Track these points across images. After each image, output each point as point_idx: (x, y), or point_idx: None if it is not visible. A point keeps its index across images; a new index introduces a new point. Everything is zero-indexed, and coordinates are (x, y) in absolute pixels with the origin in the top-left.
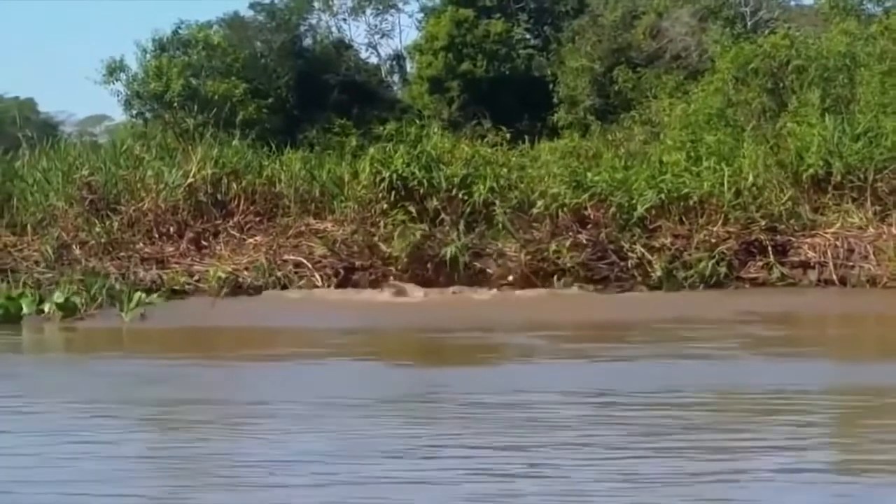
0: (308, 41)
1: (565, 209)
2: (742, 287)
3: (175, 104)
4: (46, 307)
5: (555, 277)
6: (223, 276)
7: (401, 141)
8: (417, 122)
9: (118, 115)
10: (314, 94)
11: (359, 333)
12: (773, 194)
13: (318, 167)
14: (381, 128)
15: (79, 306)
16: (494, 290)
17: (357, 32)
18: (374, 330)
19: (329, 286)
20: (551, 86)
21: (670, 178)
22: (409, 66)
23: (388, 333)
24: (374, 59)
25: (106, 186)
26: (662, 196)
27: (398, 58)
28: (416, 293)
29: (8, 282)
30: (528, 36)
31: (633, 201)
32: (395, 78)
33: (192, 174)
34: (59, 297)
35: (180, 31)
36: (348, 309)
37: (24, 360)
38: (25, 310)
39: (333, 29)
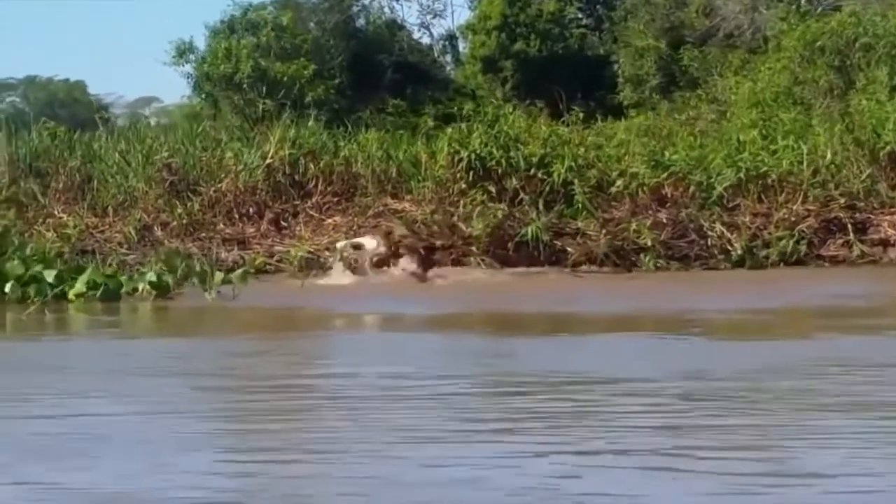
0: (361, 22)
1: (644, 188)
2: (822, 265)
3: (245, 86)
4: (140, 286)
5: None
6: (304, 255)
7: (464, 119)
8: (472, 102)
9: (168, 97)
10: (368, 74)
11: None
12: (851, 172)
13: (394, 147)
14: (456, 108)
15: (171, 285)
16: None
17: (409, 13)
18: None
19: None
20: (616, 65)
21: (748, 156)
22: (462, 47)
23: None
24: (426, 40)
25: (185, 168)
26: (741, 175)
27: (451, 38)
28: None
29: (96, 262)
30: (580, 15)
31: (712, 180)
32: (448, 58)
33: (269, 155)
34: (151, 276)
35: (249, 13)
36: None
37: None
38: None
39: (386, 9)
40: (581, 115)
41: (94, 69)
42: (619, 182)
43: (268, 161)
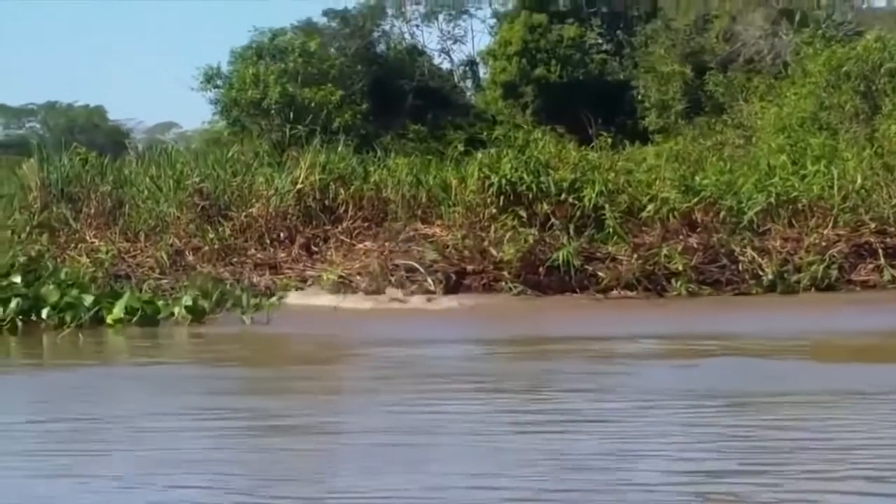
0: (382, 47)
1: (675, 213)
2: (853, 290)
3: (272, 111)
4: (175, 311)
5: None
6: (336, 280)
7: (493, 144)
8: (492, 127)
9: (186, 123)
10: (389, 100)
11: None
12: (881, 197)
13: (423, 172)
14: (485, 133)
15: (207, 310)
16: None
17: (430, 38)
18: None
19: (439, 292)
20: (636, 91)
21: (778, 181)
22: (482, 72)
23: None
24: (446, 65)
25: (216, 193)
26: (771, 200)
27: (471, 63)
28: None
29: (131, 287)
30: (600, 41)
31: (742, 205)
32: (468, 83)
33: (300, 180)
34: (187, 300)
35: (277, 38)
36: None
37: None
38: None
39: (406, 35)
40: (609, 140)
41: (112, 95)
42: (649, 207)
43: (298, 186)
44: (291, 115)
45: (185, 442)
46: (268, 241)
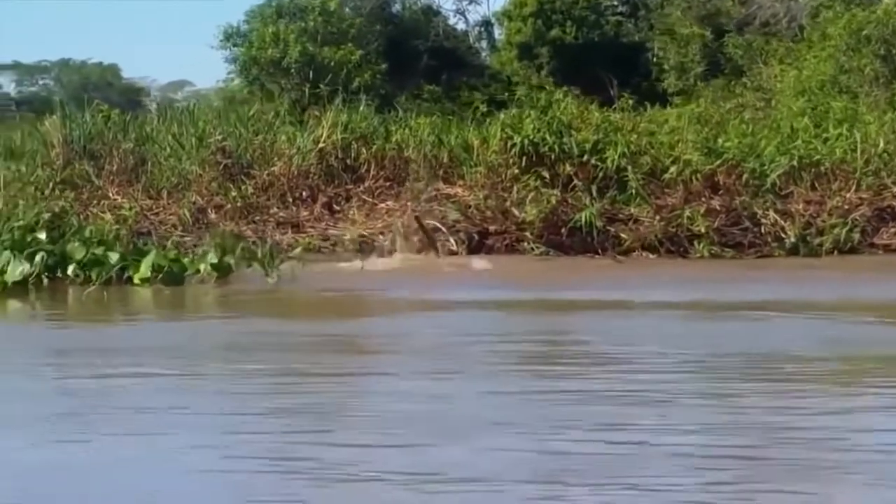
0: (397, 7)
1: (698, 175)
2: (875, 253)
3: (292, 70)
4: (201, 268)
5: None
6: (359, 239)
7: (515, 105)
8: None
9: (200, 81)
10: (404, 60)
11: None
12: None
13: (445, 132)
14: (506, 94)
15: (232, 267)
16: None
17: None
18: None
19: (462, 252)
20: (652, 53)
21: (801, 144)
22: (498, 33)
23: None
24: (461, 26)
25: (238, 151)
26: (794, 163)
27: (486, 24)
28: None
29: (155, 245)
30: (615, 2)
31: (764, 168)
32: (483, 44)
33: (322, 139)
34: (213, 258)
35: None
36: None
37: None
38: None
39: None
40: (630, 101)
41: (126, 52)
42: (672, 169)
43: (320, 145)
44: (311, 74)
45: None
46: (290, 200)
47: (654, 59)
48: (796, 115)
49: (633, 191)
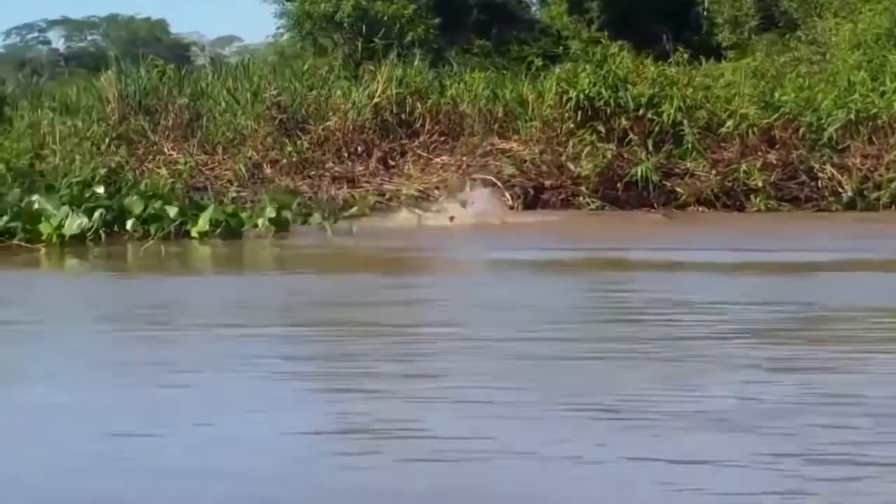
0: None
1: (755, 129)
2: None
3: (345, 25)
4: (259, 222)
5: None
6: (415, 194)
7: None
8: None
9: (248, 37)
10: (454, 14)
11: None
12: None
13: (499, 86)
14: (560, 49)
15: (289, 221)
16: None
17: None
18: None
19: (518, 206)
20: (702, 6)
21: (858, 97)
22: None
23: None
24: None
25: (293, 106)
26: (851, 116)
27: None
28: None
29: (212, 199)
30: None
31: (822, 121)
32: None
33: (377, 94)
34: (271, 212)
35: None
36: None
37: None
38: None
39: None
40: (685, 55)
41: (173, 8)
42: (728, 123)
43: (375, 100)
44: (364, 28)
45: None
46: (345, 155)
47: (706, 13)
48: (852, 68)
49: (689, 145)
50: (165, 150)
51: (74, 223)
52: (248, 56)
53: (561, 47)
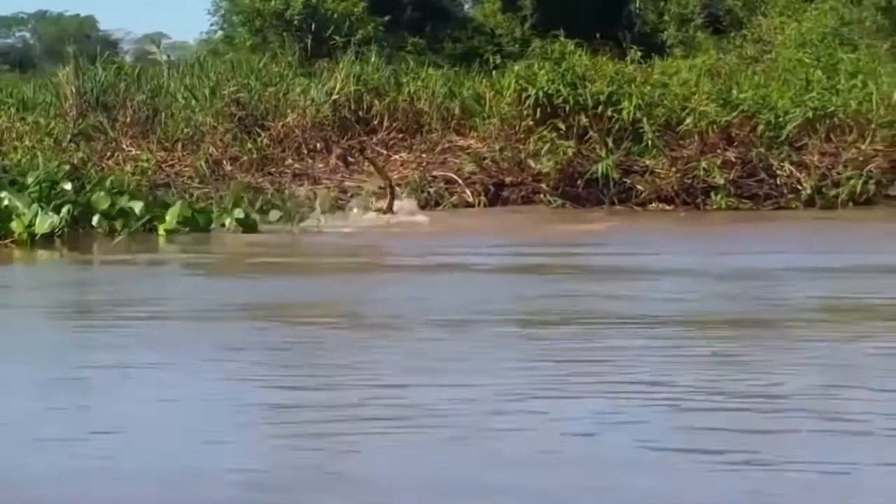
0: None
1: (714, 127)
2: (891, 205)
3: (295, 22)
4: (227, 222)
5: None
6: (377, 191)
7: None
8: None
9: (175, 34)
10: (387, 12)
11: None
12: None
13: (457, 84)
14: (516, 47)
15: (257, 222)
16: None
17: None
18: None
19: (479, 203)
20: (633, 4)
21: (815, 96)
22: None
23: None
24: None
25: (252, 103)
26: (809, 114)
27: None
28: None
29: (176, 196)
30: None
31: (780, 120)
32: None
33: (336, 91)
34: (239, 213)
35: None
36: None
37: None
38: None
39: None
40: (639, 53)
41: (102, 4)
42: (688, 120)
43: (334, 97)
44: (313, 26)
45: None
46: (305, 152)
47: (638, 12)
48: (803, 66)
49: (649, 142)
50: (124, 146)
51: (46, 222)
52: (176, 53)
53: (493, 47)
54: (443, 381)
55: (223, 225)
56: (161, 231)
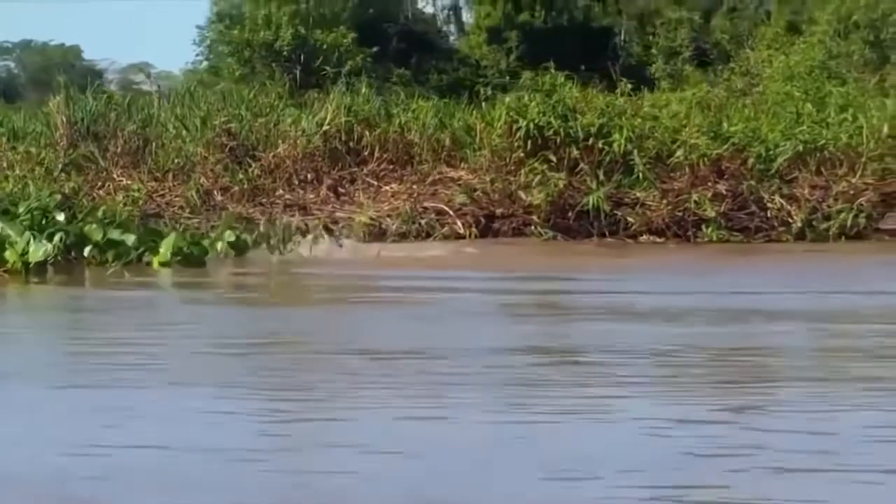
0: None
1: (705, 159)
2: (882, 239)
3: (285, 53)
4: (218, 246)
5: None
6: (368, 222)
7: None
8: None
9: (160, 64)
10: (374, 43)
11: None
12: None
13: (447, 115)
14: (506, 78)
15: (249, 245)
16: None
17: None
18: None
19: (470, 235)
20: (621, 38)
21: (806, 129)
22: (466, 17)
23: None
24: (430, 9)
25: (243, 133)
26: (799, 148)
27: (454, 8)
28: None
29: (167, 226)
30: None
31: (770, 152)
32: (452, 28)
33: (327, 122)
34: (230, 235)
35: None
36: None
37: None
38: (210, 253)
39: None
40: (629, 86)
41: (87, 34)
42: (678, 153)
43: (325, 128)
44: (302, 57)
45: None
46: (296, 183)
47: (623, 44)
48: (792, 99)
49: (640, 175)
50: (115, 176)
51: (40, 250)
52: (162, 83)
53: (480, 77)
54: None
55: (215, 250)
56: (155, 264)
